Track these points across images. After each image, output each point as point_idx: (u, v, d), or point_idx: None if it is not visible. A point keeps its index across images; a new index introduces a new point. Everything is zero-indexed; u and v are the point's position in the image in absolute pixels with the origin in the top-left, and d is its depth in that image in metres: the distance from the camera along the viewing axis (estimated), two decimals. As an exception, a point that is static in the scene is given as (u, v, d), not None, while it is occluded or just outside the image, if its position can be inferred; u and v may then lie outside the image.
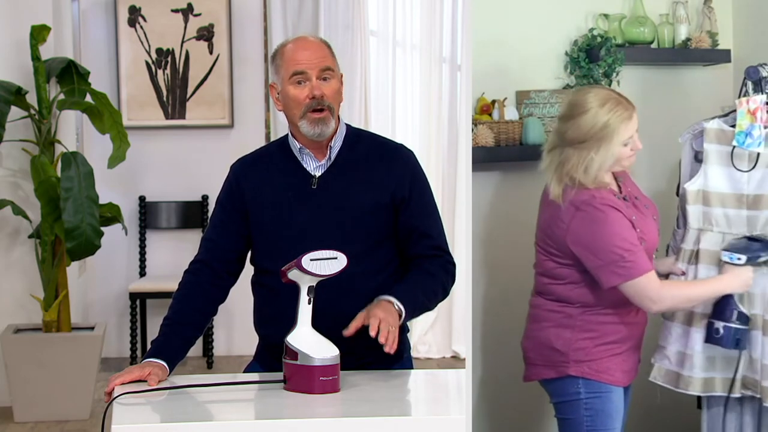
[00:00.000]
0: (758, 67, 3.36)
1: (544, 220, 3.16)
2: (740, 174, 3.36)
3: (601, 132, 3.02)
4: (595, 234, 3.01)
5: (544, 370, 3.16)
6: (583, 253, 3.03)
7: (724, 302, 3.22)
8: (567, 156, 3.06)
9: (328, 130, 2.82)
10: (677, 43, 4.04)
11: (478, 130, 3.78)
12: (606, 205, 3.02)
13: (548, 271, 3.14)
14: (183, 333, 2.80)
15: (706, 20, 4.05)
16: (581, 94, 3.11)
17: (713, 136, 3.40)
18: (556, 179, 3.08)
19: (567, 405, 3.13)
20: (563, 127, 3.09)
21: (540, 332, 3.16)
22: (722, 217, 3.37)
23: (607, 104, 3.03)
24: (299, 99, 2.80)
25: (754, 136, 3.30)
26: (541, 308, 3.18)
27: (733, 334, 3.22)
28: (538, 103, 3.89)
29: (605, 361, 3.10)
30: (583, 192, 3.04)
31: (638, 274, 3.00)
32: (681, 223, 3.49)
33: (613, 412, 3.11)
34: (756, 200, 3.35)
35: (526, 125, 3.86)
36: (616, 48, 3.88)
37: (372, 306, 2.69)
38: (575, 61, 3.90)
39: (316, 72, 2.80)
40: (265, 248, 2.88)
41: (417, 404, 2.56)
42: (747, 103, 3.32)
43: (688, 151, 3.52)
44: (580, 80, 3.89)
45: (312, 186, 2.85)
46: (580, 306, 3.10)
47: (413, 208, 2.87)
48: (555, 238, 3.09)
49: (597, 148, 3.02)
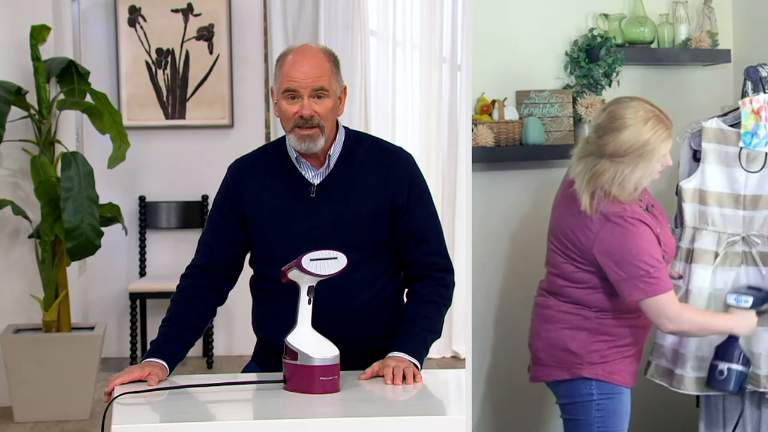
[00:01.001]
0: (758, 67, 3.36)
1: (567, 224, 3.12)
2: (739, 174, 3.36)
3: (641, 149, 2.98)
4: (623, 247, 2.99)
5: (555, 371, 3.15)
6: (609, 265, 3.01)
7: (729, 344, 3.22)
8: (602, 168, 3.01)
9: (316, 147, 2.80)
10: (677, 43, 4.05)
11: (478, 130, 3.78)
12: (636, 219, 3.01)
13: (566, 274, 3.12)
14: (182, 334, 2.80)
15: (706, 20, 4.05)
16: (622, 107, 3.04)
17: (712, 135, 3.40)
18: (587, 190, 3.03)
19: (578, 406, 3.12)
20: (601, 138, 3.03)
21: (553, 333, 3.15)
22: (718, 216, 3.38)
23: (650, 122, 2.99)
24: (288, 114, 2.79)
25: (760, 136, 3.30)
26: (554, 309, 3.16)
27: (737, 377, 3.21)
28: (538, 103, 3.88)
29: (618, 363, 3.10)
30: (614, 204, 3.01)
31: (660, 291, 2.99)
32: (679, 222, 3.50)
33: (622, 413, 3.13)
34: (753, 200, 3.35)
35: (526, 125, 3.86)
36: (616, 48, 3.88)
37: (385, 359, 2.70)
38: (575, 61, 3.90)
39: (308, 91, 2.77)
40: (264, 255, 2.88)
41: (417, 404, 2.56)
42: (750, 103, 3.32)
43: (686, 149, 3.52)
44: (580, 80, 3.89)
45: (311, 194, 2.84)
46: (596, 310, 3.10)
47: (411, 213, 2.86)
48: (579, 245, 3.07)
49: (635, 165, 2.99)
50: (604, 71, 3.87)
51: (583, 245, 3.05)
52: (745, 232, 3.35)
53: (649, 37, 4.01)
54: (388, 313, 2.87)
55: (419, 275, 2.87)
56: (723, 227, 3.37)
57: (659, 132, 2.99)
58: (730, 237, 3.37)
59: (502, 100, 3.88)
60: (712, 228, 3.38)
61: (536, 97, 3.89)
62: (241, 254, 2.94)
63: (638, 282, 2.98)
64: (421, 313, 2.82)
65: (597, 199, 3.02)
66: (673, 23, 4.05)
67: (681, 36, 4.04)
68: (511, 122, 3.86)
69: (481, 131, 3.78)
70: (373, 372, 2.68)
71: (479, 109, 3.87)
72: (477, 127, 3.78)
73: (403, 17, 6.65)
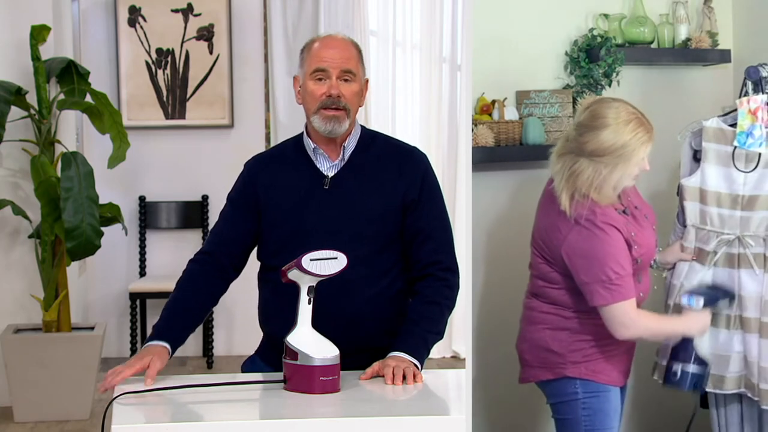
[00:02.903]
0: (758, 67, 3.36)
1: (543, 224, 3.14)
2: (737, 174, 3.36)
3: (620, 150, 2.96)
4: (590, 251, 2.98)
5: (540, 371, 3.16)
6: (575, 267, 3.01)
7: (683, 345, 3.19)
8: (581, 167, 3.00)
9: (340, 129, 2.84)
10: (677, 43, 4.05)
11: (478, 130, 3.78)
12: (606, 224, 2.99)
13: (543, 274, 3.13)
14: (184, 317, 2.81)
15: (706, 20, 4.06)
16: (604, 106, 3.02)
17: (712, 134, 3.40)
18: (566, 191, 3.02)
19: (565, 405, 3.13)
20: (582, 136, 3.02)
21: (535, 334, 3.16)
22: (716, 217, 3.38)
23: (631, 123, 2.97)
24: (316, 94, 2.84)
25: (755, 136, 3.30)
26: (536, 310, 3.17)
27: (691, 378, 3.18)
28: (538, 103, 3.89)
29: (601, 362, 3.10)
30: (588, 206, 3.00)
31: (621, 299, 2.97)
32: (681, 221, 3.50)
33: (610, 411, 3.12)
34: (751, 201, 3.35)
35: (526, 125, 3.86)
36: (616, 48, 3.88)
37: (385, 359, 2.71)
38: (575, 61, 3.91)
39: (337, 72, 2.83)
40: (274, 245, 2.89)
41: (417, 404, 2.56)
42: (748, 103, 3.32)
43: (686, 149, 3.52)
44: (580, 80, 3.89)
45: (324, 186, 2.86)
46: (573, 310, 3.10)
47: (421, 210, 2.87)
48: (550, 245, 3.08)
49: (613, 165, 2.97)
50: (604, 71, 3.87)
51: (553, 245, 3.06)
52: (740, 233, 3.34)
53: (649, 37, 4.01)
54: (393, 311, 2.87)
55: (423, 274, 2.87)
56: (720, 227, 3.37)
57: (639, 134, 2.97)
58: (725, 237, 3.36)
59: (502, 100, 3.88)
60: (710, 228, 3.38)
61: (536, 97, 3.89)
62: (249, 246, 2.95)
63: (599, 288, 2.97)
64: (424, 314, 2.82)
65: (575, 201, 3.00)
66: (673, 23, 4.05)
67: (681, 36, 4.04)
68: (511, 122, 3.86)
69: (481, 131, 3.78)
70: (374, 372, 2.68)
71: (479, 109, 3.87)
72: (477, 127, 3.78)
73: (403, 17, 6.65)
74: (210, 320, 6.49)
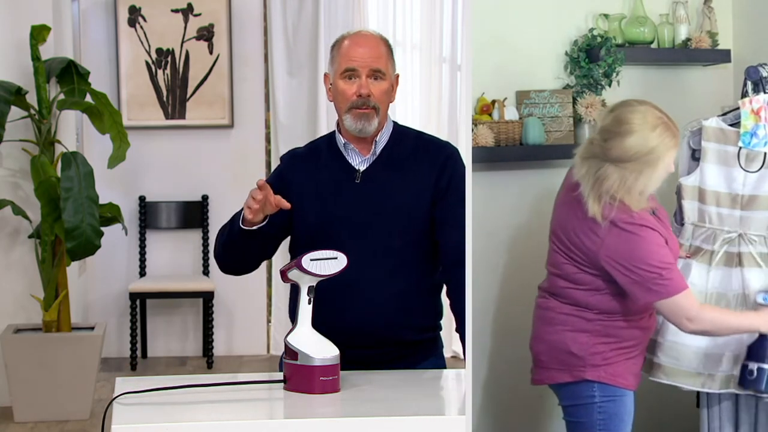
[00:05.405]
0: (758, 67, 3.36)
1: (566, 223, 3.09)
2: (737, 174, 3.36)
3: (647, 156, 2.94)
4: (633, 253, 2.95)
5: (557, 373, 3.12)
6: (618, 270, 2.97)
7: (760, 343, 3.18)
8: (606, 173, 2.96)
9: (370, 128, 2.86)
10: (677, 43, 4.05)
11: (478, 130, 3.78)
12: (643, 226, 2.97)
13: (568, 275, 3.09)
14: None
15: (706, 20, 4.05)
16: (629, 111, 2.98)
17: (711, 134, 3.40)
18: (594, 196, 2.98)
19: (580, 408, 3.10)
20: (606, 142, 2.97)
21: (554, 336, 3.12)
22: (715, 216, 3.37)
23: (658, 129, 2.94)
24: (347, 94, 2.86)
25: (760, 136, 3.30)
26: (555, 311, 3.13)
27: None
28: (538, 103, 3.88)
29: (620, 365, 3.08)
30: (622, 210, 2.97)
31: (675, 291, 2.96)
32: (679, 219, 3.49)
33: (625, 416, 3.10)
34: (750, 201, 3.34)
35: (526, 125, 3.86)
36: (616, 48, 3.88)
37: None
38: (575, 61, 3.90)
39: (367, 71, 2.85)
40: (305, 239, 2.89)
41: (417, 404, 2.56)
42: (750, 103, 3.32)
43: (685, 148, 3.52)
44: (580, 80, 3.89)
45: (356, 180, 2.89)
46: (597, 312, 3.07)
47: (450, 198, 2.87)
48: (583, 249, 3.02)
49: (639, 171, 2.94)
50: (604, 71, 3.87)
51: (588, 249, 3.01)
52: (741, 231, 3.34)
53: (649, 37, 4.01)
54: (420, 306, 2.88)
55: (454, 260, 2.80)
56: (720, 226, 3.37)
57: (666, 140, 2.95)
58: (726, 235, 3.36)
59: (502, 100, 3.88)
60: (709, 226, 3.38)
61: (536, 97, 3.89)
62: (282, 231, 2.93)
63: (651, 285, 2.95)
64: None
65: (604, 205, 2.97)
66: (673, 23, 4.05)
67: (681, 36, 4.04)
68: (511, 122, 3.86)
69: (481, 131, 3.78)
70: None
71: (479, 109, 3.87)
72: (477, 127, 3.78)
73: (403, 17, 6.65)
74: (210, 320, 6.48)
